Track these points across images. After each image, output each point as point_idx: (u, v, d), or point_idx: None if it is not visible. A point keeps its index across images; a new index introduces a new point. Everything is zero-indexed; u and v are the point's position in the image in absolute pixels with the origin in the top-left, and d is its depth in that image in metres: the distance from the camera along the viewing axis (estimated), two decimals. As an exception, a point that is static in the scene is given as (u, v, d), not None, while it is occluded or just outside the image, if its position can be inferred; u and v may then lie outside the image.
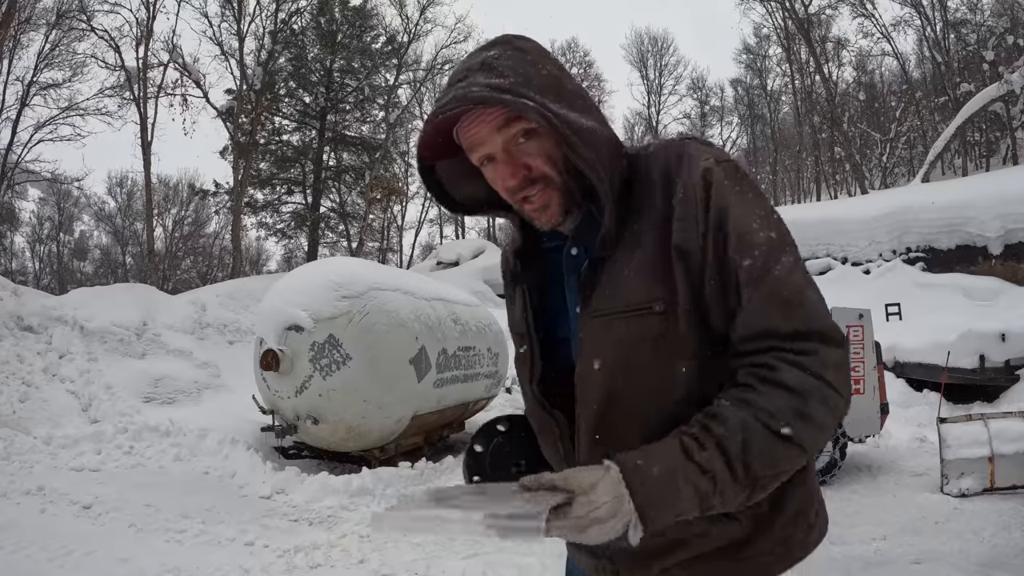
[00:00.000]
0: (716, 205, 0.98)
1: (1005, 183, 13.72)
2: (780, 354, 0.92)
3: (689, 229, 0.99)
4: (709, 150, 1.05)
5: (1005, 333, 8.63)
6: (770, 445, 0.89)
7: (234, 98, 20.92)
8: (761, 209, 1.00)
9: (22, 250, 39.12)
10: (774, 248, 0.97)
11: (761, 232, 0.98)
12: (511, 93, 0.98)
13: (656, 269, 1.00)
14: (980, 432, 5.82)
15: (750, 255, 0.96)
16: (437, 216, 39.82)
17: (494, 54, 1.03)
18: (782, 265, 0.96)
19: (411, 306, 7.19)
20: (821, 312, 0.96)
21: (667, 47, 40.80)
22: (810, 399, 0.90)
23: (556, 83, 1.04)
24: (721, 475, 0.89)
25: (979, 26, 26.48)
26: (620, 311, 1.01)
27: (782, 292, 0.94)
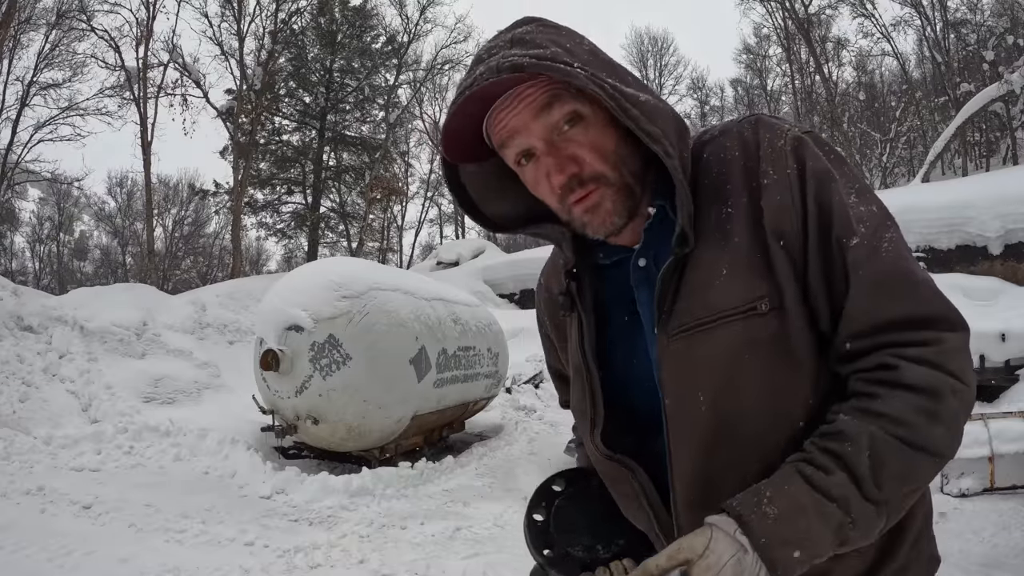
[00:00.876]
0: (813, 179, 0.84)
1: (1005, 183, 13.71)
2: (898, 350, 0.79)
3: (785, 209, 0.84)
4: (788, 121, 0.92)
5: (1005, 333, 8.63)
6: (905, 458, 0.76)
7: (234, 98, 20.92)
8: (857, 181, 0.88)
9: (22, 250, 39.18)
10: (879, 224, 0.84)
11: (862, 206, 0.85)
12: (553, 61, 0.81)
13: (753, 262, 0.84)
14: (980, 432, 5.82)
15: (857, 232, 0.83)
16: (437, 216, 39.87)
17: (523, 30, 0.88)
18: (889, 243, 0.83)
19: (411, 306, 7.19)
20: (936, 293, 0.82)
21: (667, 47, 40.91)
22: (941, 397, 0.77)
23: (600, 60, 0.88)
24: (855, 501, 0.76)
25: (979, 26, 26.48)
26: (715, 319, 0.84)
27: (893, 273, 0.82)
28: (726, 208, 0.87)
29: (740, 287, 0.84)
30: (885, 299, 0.81)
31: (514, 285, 20.61)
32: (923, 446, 0.77)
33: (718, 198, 0.88)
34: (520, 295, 20.33)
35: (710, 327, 0.85)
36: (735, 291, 0.84)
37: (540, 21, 0.91)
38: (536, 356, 12.24)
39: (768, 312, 0.83)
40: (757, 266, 0.84)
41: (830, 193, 0.84)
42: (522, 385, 11.32)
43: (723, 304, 0.84)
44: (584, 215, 0.89)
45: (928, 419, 0.77)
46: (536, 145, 0.88)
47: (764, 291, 0.83)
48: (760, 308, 0.83)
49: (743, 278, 0.84)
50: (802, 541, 0.75)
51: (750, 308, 0.83)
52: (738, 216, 0.86)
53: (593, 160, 0.87)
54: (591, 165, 0.87)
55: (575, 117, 0.86)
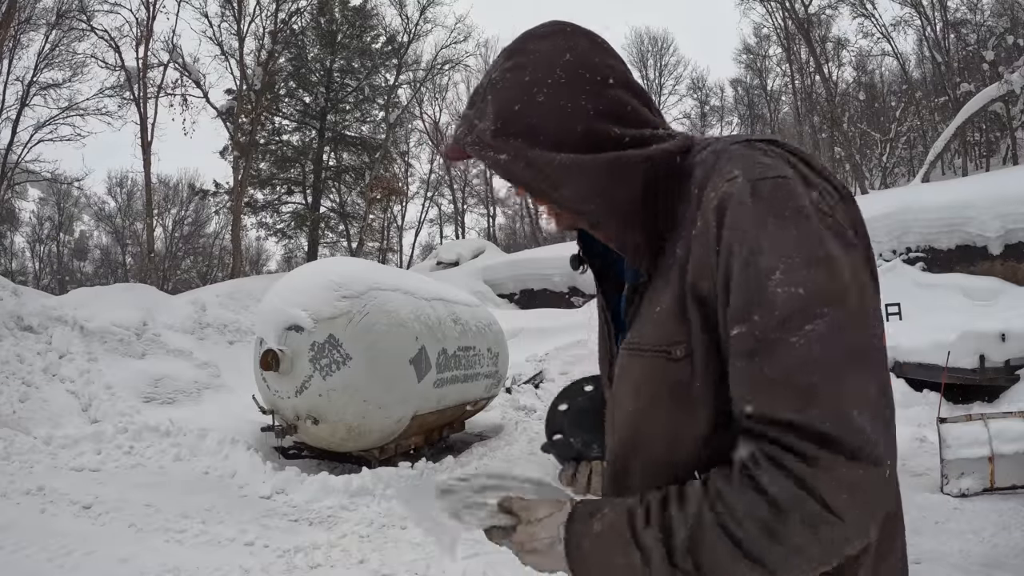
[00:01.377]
0: (726, 244, 0.78)
1: (1005, 183, 13.72)
2: (770, 448, 0.72)
3: (704, 270, 0.81)
4: (752, 160, 0.82)
5: (1005, 333, 8.63)
6: (723, 553, 0.74)
7: (234, 98, 20.93)
8: (797, 251, 0.74)
9: (22, 250, 39.20)
10: (795, 311, 0.72)
11: (781, 287, 0.73)
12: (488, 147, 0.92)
13: (677, 309, 0.84)
14: (980, 432, 5.83)
15: (749, 320, 0.74)
16: (437, 216, 39.89)
17: (497, 77, 0.95)
18: (802, 337, 0.72)
19: (411, 306, 7.19)
20: (853, 413, 0.71)
21: (667, 47, 40.87)
22: (788, 517, 0.70)
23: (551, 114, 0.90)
24: (656, 562, 0.77)
25: (979, 26, 26.49)
26: (642, 348, 0.89)
27: (786, 376, 0.72)
28: (677, 247, 0.87)
29: (662, 328, 0.86)
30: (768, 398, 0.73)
31: (514, 285, 20.61)
32: (752, 555, 0.72)
33: (676, 233, 0.88)
34: (520, 295, 20.33)
35: (640, 352, 0.89)
36: (658, 331, 0.87)
37: (518, 56, 0.94)
38: (536, 356, 12.25)
39: (681, 359, 0.84)
40: (679, 314, 0.85)
41: (734, 266, 0.77)
42: (522, 385, 11.33)
43: (648, 339, 0.88)
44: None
45: (765, 535, 0.72)
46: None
47: (680, 339, 0.84)
48: (674, 353, 0.84)
49: (669, 320, 0.85)
50: (601, 567, 0.82)
51: (666, 350, 0.85)
52: (676, 262, 0.86)
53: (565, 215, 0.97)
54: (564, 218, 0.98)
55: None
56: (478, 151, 0.94)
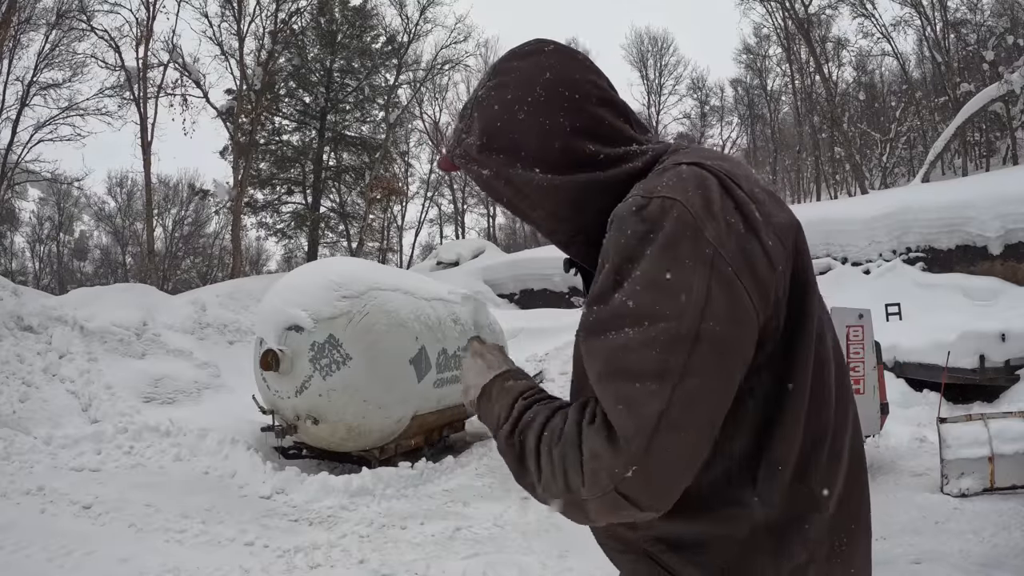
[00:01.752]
0: (605, 250, 0.88)
1: (1005, 183, 13.72)
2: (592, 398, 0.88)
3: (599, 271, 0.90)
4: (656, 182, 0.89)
5: (1005, 333, 8.63)
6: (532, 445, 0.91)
7: (234, 98, 20.92)
8: (649, 269, 0.82)
9: (22, 250, 39.18)
10: (620, 315, 0.83)
11: (620, 293, 0.83)
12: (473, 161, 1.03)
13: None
14: (980, 432, 5.83)
15: (590, 307, 0.88)
16: (437, 216, 39.89)
17: (482, 94, 1.03)
18: (617, 335, 0.83)
19: (411, 306, 7.19)
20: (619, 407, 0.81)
21: (667, 47, 40.84)
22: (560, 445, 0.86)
23: (531, 132, 0.97)
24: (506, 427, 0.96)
25: (979, 26, 26.49)
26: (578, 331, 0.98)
27: (597, 359, 0.86)
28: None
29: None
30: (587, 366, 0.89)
31: (514, 285, 20.61)
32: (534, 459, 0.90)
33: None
34: (520, 295, 20.32)
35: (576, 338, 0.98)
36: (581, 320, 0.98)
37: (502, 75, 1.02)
38: (536, 356, 12.24)
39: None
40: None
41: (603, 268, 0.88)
42: (522, 385, 11.31)
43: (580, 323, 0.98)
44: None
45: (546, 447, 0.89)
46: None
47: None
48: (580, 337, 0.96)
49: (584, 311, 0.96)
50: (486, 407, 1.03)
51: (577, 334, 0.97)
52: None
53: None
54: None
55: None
56: (464, 164, 1.04)
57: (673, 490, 0.83)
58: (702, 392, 0.81)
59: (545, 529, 5.07)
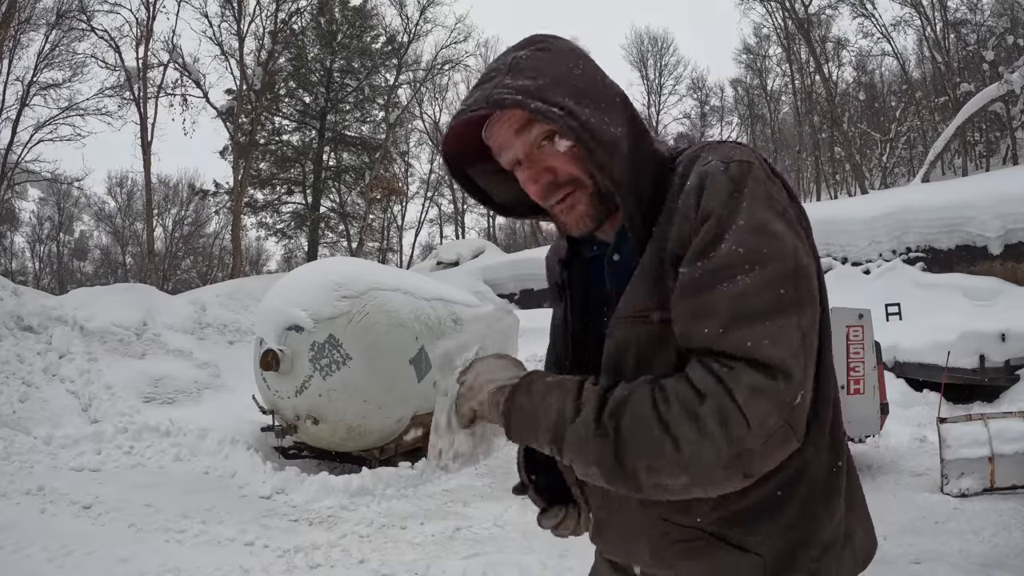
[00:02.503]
0: (702, 211, 0.91)
1: (1005, 183, 13.70)
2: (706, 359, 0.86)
3: (683, 240, 0.93)
4: (724, 150, 0.96)
5: (1005, 333, 8.63)
6: (643, 419, 0.85)
7: (234, 98, 20.92)
8: (746, 219, 0.89)
9: (22, 250, 39.20)
10: (730, 264, 0.87)
11: (725, 244, 0.88)
12: (536, 97, 0.94)
13: (656, 276, 0.96)
14: (980, 432, 5.82)
15: (693, 264, 0.89)
16: (437, 216, 39.89)
17: (523, 55, 1.00)
18: (733, 285, 0.86)
19: (411, 306, 7.19)
20: (764, 342, 0.84)
21: (667, 47, 40.81)
22: (706, 401, 0.82)
23: (588, 84, 1.00)
24: (586, 413, 0.90)
25: (979, 26, 26.48)
26: (625, 316, 0.98)
27: (717, 312, 0.86)
28: (658, 226, 0.98)
29: (641, 296, 0.97)
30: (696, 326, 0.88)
31: (514, 285, 20.60)
32: (670, 431, 0.83)
33: (664, 216, 0.98)
34: (520, 295, 20.32)
35: (620, 322, 0.99)
36: (637, 299, 0.97)
37: (540, 44, 1.02)
38: (536, 356, 12.23)
39: (656, 322, 0.95)
40: (657, 282, 0.95)
41: (703, 227, 0.90)
42: (522, 385, 11.31)
43: (632, 306, 0.98)
44: (561, 215, 1.04)
45: (684, 412, 0.83)
46: (519, 157, 1.02)
47: (655, 304, 0.95)
48: (651, 317, 0.95)
49: (645, 289, 0.96)
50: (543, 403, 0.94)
51: (643, 315, 0.96)
52: (659, 236, 0.97)
53: (567, 167, 1.00)
54: (565, 171, 1.00)
55: (551, 134, 0.99)
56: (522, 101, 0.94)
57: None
58: (813, 322, 0.89)
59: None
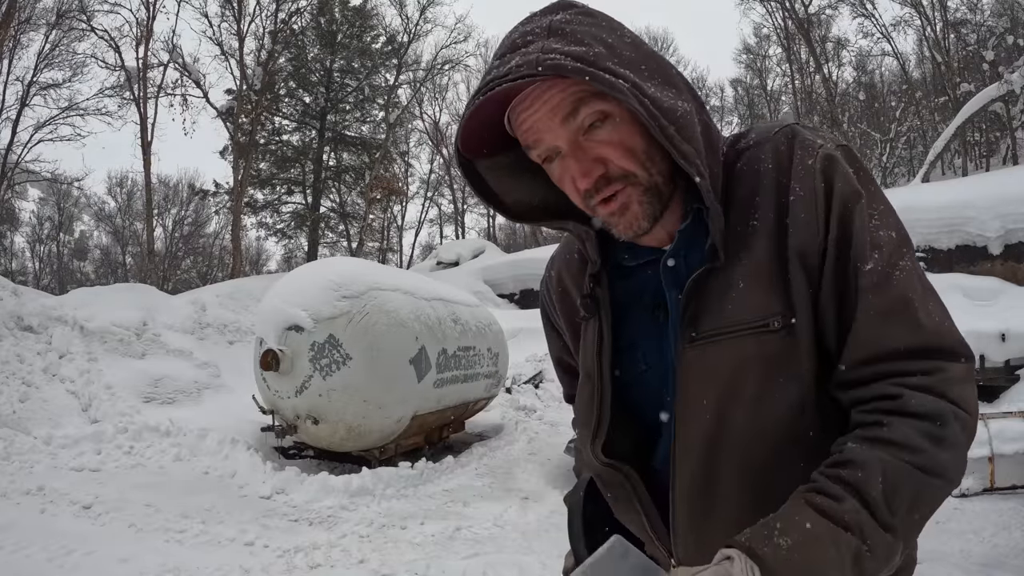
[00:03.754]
0: (839, 200, 0.83)
1: (1005, 183, 13.70)
2: (901, 379, 0.79)
3: (810, 228, 0.83)
4: (823, 134, 0.89)
5: (1005, 333, 8.63)
6: (916, 483, 0.75)
7: (234, 98, 20.92)
8: (882, 203, 0.85)
9: (22, 250, 39.20)
10: (896, 249, 0.82)
11: (883, 230, 0.83)
12: (595, 67, 0.78)
13: (772, 278, 0.84)
14: (980, 432, 5.82)
15: (872, 258, 0.81)
16: (437, 216, 39.89)
17: (561, 18, 0.83)
18: (902, 270, 0.81)
19: (411, 306, 7.18)
20: (945, 324, 0.81)
21: (667, 47, 40.81)
22: (946, 423, 0.77)
23: (642, 54, 0.85)
24: (869, 529, 0.74)
25: (979, 26, 26.47)
26: (731, 330, 0.85)
27: (901, 302, 0.80)
28: (752, 221, 0.86)
29: (756, 302, 0.84)
30: (890, 327, 0.80)
31: (514, 285, 20.60)
32: (932, 471, 0.76)
33: (747, 210, 0.87)
34: (520, 295, 20.32)
35: (723, 337, 0.85)
36: (751, 305, 0.84)
37: (578, 7, 0.86)
38: (536, 356, 12.23)
39: (780, 329, 0.83)
40: (775, 283, 0.84)
41: (852, 215, 0.83)
42: (522, 385, 11.32)
43: (738, 317, 0.85)
44: (610, 217, 0.88)
45: (934, 444, 0.76)
46: (562, 146, 0.85)
47: (779, 308, 0.83)
48: (772, 325, 0.83)
49: (760, 293, 0.84)
50: (816, 571, 0.72)
51: (763, 324, 0.84)
52: (763, 231, 0.85)
53: (620, 159, 0.84)
54: (618, 164, 0.84)
55: (603, 117, 0.84)
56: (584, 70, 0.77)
57: None
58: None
59: (545, 529, 5.08)
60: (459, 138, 0.89)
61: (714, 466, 0.87)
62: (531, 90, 0.83)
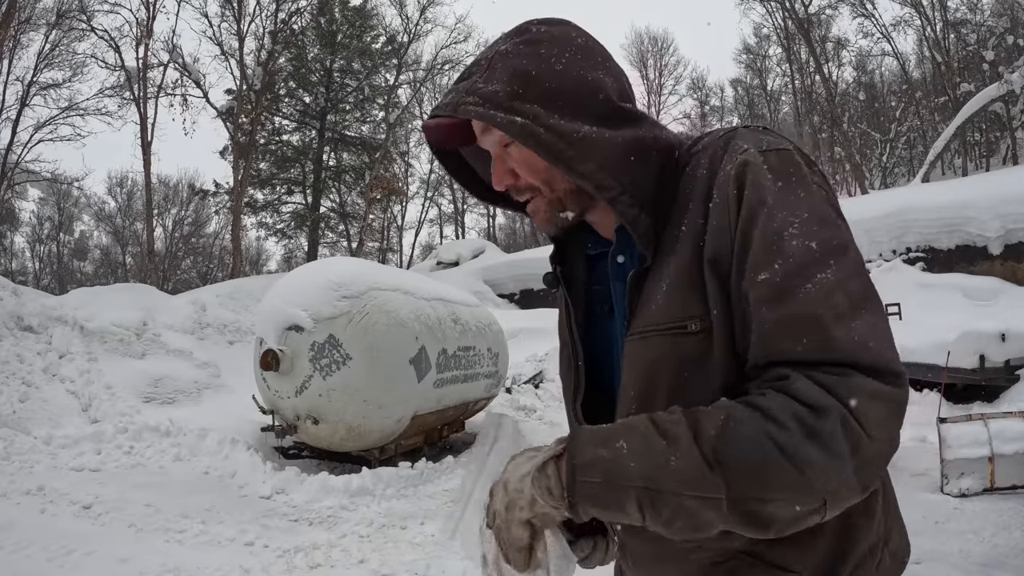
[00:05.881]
0: (747, 204, 0.83)
1: (1005, 183, 13.70)
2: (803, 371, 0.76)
3: (723, 235, 0.84)
4: (758, 137, 0.89)
5: (1005, 333, 8.63)
6: (762, 450, 0.72)
7: (234, 98, 20.93)
8: (806, 210, 0.82)
9: (22, 250, 39.21)
10: (809, 262, 0.78)
11: (796, 240, 0.80)
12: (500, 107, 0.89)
13: (693, 282, 0.86)
14: (980, 432, 5.83)
15: (770, 267, 0.79)
16: (437, 216, 39.91)
17: (506, 49, 0.94)
18: (816, 284, 0.77)
19: (411, 306, 7.18)
20: (871, 343, 0.76)
21: (667, 47, 40.88)
22: (823, 417, 0.72)
23: (567, 80, 0.92)
24: (684, 444, 0.75)
25: (979, 26, 26.48)
26: (654, 328, 0.89)
27: (807, 315, 0.76)
28: (682, 226, 0.90)
29: (676, 304, 0.87)
30: (784, 340, 0.77)
31: (514, 285, 20.61)
32: (789, 454, 0.72)
33: (682, 214, 0.91)
34: (520, 295, 20.33)
35: (648, 335, 0.90)
36: (670, 307, 0.88)
37: (527, 35, 0.95)
38: (536, 356, 12.24)
39: (698, 332, 0.86)
40: (695, 286, 0.86)
41: (755, 222, 0.82)
42: (522, 385, 11.33)
43: (660, 317, 0.89)
44: (530, 215, 1.01)
45: (802, 431, 0.72)
46: (491, 150, 0.99)
47: (696, 311, 0.86)
48: (691, 327, 0.86)
49: (680, 296, 0.87)
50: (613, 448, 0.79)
51: (681, 326, 0.87)
52: (688, 236, 0.88)
53: (526, 175, 0.97)
54: (525, 179, 0.97)
55: (510, 141, 0.95)
56: (485, 112, 0.90)
57: None
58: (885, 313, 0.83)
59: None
60: (431, 141, 1.05)
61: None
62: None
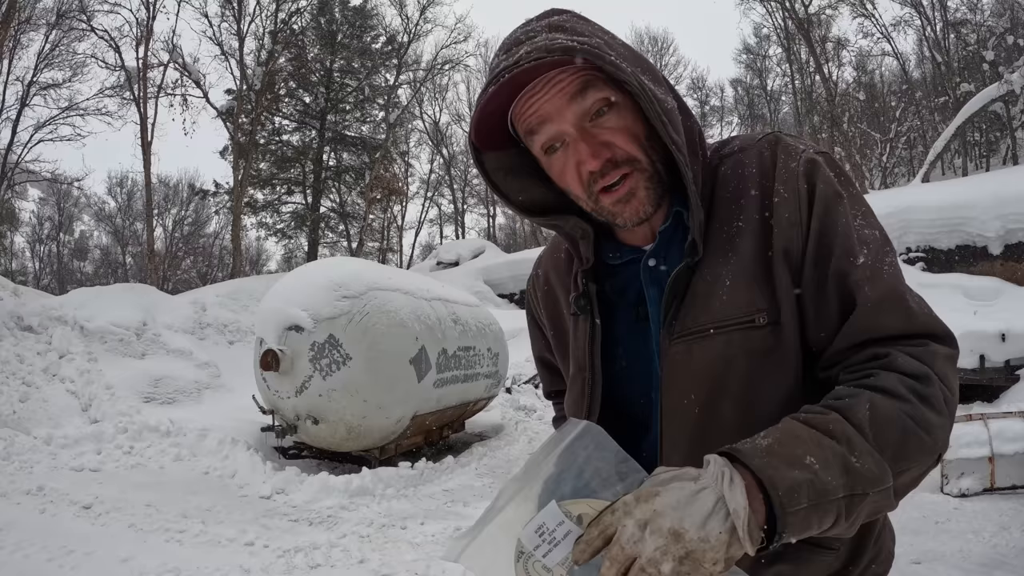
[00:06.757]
0: (821, 199, 0.86)
1: (1005, 183, 13.70)
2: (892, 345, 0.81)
3: (792, 227, 0.86)
4: (805, 141, 0.94)
5: (1005, 333, 8.63)
6: (903, 425, 0.74)
7: (234, 98, 20.93)
8: (863, 205, 0.90)
9: (22, 250, 39.17)
10: (880, 248, 0.86)
11: (867, 229, 0.87)
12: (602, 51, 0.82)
13: (756, 276, 0.87)
14: (980, 432, 5.83)
15: (862, 252, 0.85)
16: (437, 216, 39.88)
17: (560, 19, 0.88)
18: (889, 265, 0.86)
19: (411, 306, 7.19)
20: (933, 314, 0.85)
21: (667, 47, 40.83)
22: (930, 383, 0.78)
23: (633, 54, 0.90)
24: (855, 440, 0.72)
25: (979, 26, 26.46)
26: (715, 327, 0.86)
27: (892, 294, 0.83)
28: (737, 222, 0.89)
29: (742, 299, 0.86)
30: (885, 316, 0.82)
31: (514, 285, 20.60)
32: (920, 422, 0.75)
33: (731, 212, 0.90)
34: (520, 295, 20.32)
35: (709, 334, 0.87)
36: (737, 302, 0.86)
37: (572, 12, 0.92)
38: (536, 356, 12.23)
39: (766, 325, 0.85)
40: (760, 280, 0.87)
41: (836, 214, 0.86)
42: (522, 385, 11.32)
43: (725, 313, 0.87)
44: (615, 205, 0.89)
45: (920, 400, 0.76)
46: (568, 131, 0.87)
47: (764, 304, 0.86)
48: (758, 321, 0.86)
49: (745, 290, 0.86)
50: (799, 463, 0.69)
51: (748, 320, 0.86)
52: (748, 231, 0.88)
53: (626, 144, 0.87)
54: (624, 149, 0.88)
55: (608, 104, 0.87)
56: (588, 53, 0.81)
57: None
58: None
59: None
60: (473, 129, 0.92)
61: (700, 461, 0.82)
62: (540, 79, 0.86)
